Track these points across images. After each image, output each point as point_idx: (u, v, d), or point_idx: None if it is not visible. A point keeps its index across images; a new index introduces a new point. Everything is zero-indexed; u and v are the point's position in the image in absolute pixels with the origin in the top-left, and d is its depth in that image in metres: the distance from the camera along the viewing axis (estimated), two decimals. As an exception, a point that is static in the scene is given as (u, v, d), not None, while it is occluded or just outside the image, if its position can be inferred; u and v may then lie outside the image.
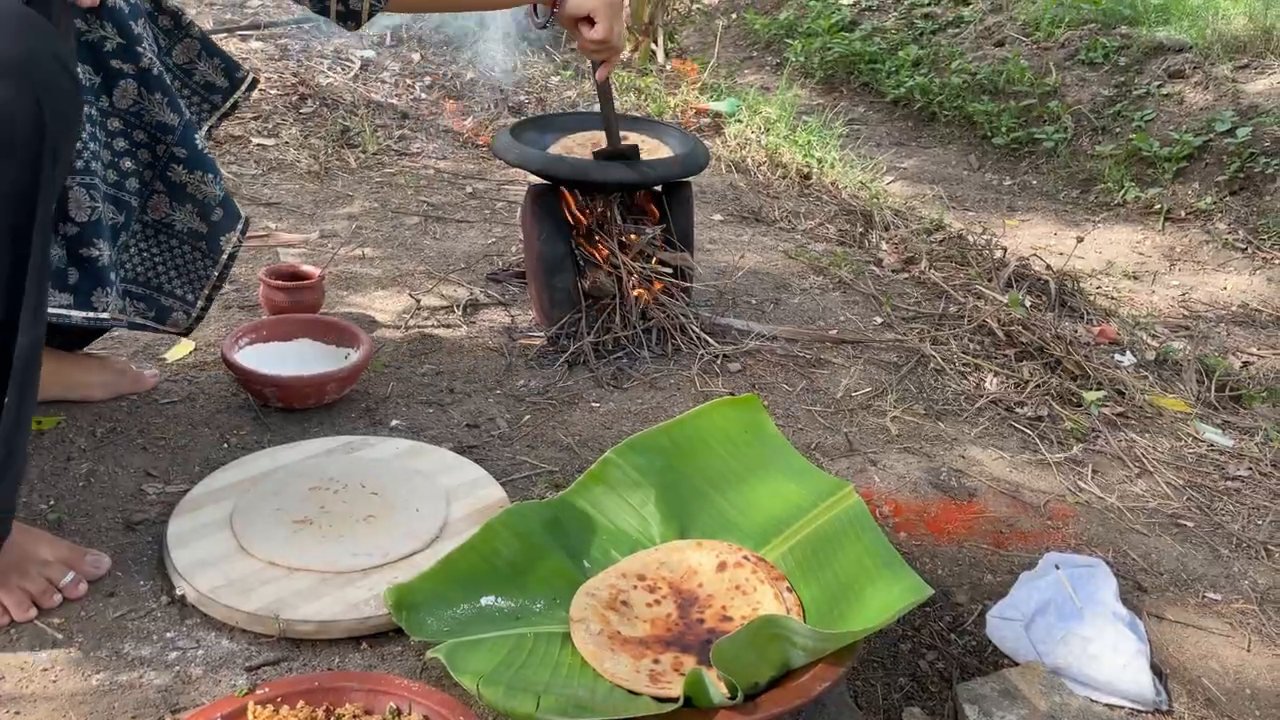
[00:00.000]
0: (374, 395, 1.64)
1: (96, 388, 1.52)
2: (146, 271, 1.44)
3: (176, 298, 1.46)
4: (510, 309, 2.00)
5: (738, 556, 1.21)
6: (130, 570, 1.20)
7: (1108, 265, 3.05)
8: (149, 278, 1.44)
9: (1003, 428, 1.73)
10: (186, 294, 1.47)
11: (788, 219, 2.71)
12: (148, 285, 1.44)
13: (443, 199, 2.61)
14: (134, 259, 1.42)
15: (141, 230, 1.42)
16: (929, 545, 1.40)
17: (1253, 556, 1.46)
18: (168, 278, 1.45)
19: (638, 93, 3.68)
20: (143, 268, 1.43)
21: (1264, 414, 1.92)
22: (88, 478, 1.36)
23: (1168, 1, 4.58)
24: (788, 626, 1.00)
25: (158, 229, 1.43)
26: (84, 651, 1.08)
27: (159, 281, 1.45)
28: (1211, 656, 1.25)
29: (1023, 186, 3.78)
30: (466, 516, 1.31)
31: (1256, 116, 3.49)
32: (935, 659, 1.22)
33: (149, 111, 1.35)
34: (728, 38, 5.44)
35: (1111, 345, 2.14)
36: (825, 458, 1.58)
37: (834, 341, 1.97)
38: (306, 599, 1.14)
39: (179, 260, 1.45)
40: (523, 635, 1.11)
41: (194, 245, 1.45)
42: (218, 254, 1.46)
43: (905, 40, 4.83)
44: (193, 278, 1.47)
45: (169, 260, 1.45)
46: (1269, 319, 2.72)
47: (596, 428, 1.61)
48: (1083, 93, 4.03)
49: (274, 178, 2.61)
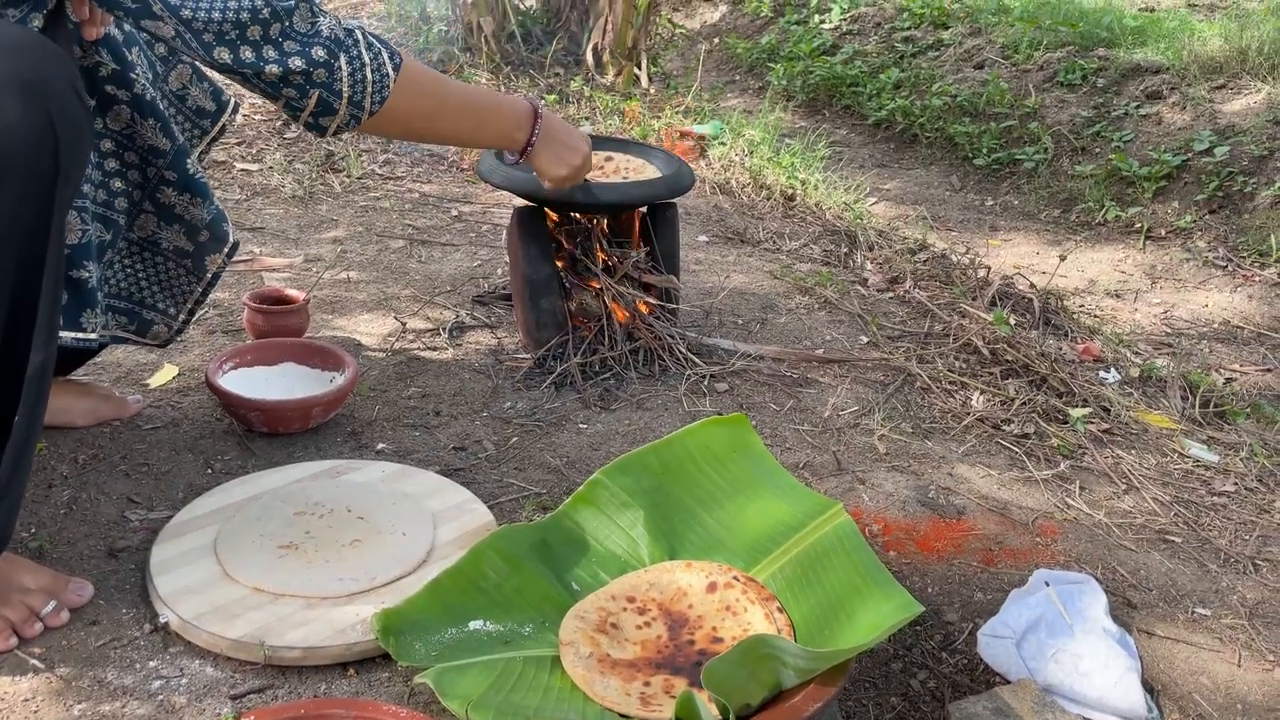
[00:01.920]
0: (360, 419, 1.63)
1: (79, 414, 1.51)
2: (130, 286, 1.43)
3: (159, 311, 1.46)
4: (496, 331, 1.99)
5: (727, 577, 1.21)
6: (113, 598, 1.19)
7: (1090, 284, 3.07)
8: (132, 292, 1.44)
9: (990, 445, 1.74)
10: (168, 308, 1.47)
11: (772, 240, 2.72)
12: (130, 299, 1.44)
13: (428, 222, 2.60)
14: (118, 274, 1.42)
15: (127, 246, 1.41)
16: (918, 564, 1.40)
17: (1241, 571, 1.46)
18: (150, 292, 1.45)
19: (621, 116, 3.70)
20: (126, 283, 1.43)
21: (1248, 429, 1.93)
22: (70, 505, 1.35)
23: (1144, 24, 4.64)
24: (778, 646, 1.00)
25: (143, 245, 1.43)
26: (66, 681, 1.06)
27: (141, 296, 1.45)
28: (1202, 672, 1.25)
29: (1005, 206, 3.81)
30: (454, 540, 1.30)
31: (1234, 136, 3.53)
32: (927, 678, 1.22)
33: (141, 136, 1.35)
34: (710, 62, 5.47)
35: (1096, 362, 2.15)
36: (814, 477, 1.58)
37: (820, 361, 1.98)
38: (292, 625, 1.13)
39: (163, 276, 1.45)
40: (512, 659, 1.10)
41: (178, 262, 1.45)
42: (202, 272, 1.46)
43: (886, 63, 4.88)
44: (176, 292, 1.46)
45: (153, 276, 1.44)
46: (1250, 335, 2.75)
47: (584, 449, 1.60)
48: (1062, 114, 4.07)
49: (258, 203, 2.60)
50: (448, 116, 1.36)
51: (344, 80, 1.19)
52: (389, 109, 1.24)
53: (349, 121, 1.23)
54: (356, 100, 1.21)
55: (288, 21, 1.14)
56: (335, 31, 1.18)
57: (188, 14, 1.08)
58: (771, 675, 1.02)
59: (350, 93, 1.20)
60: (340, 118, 1.22)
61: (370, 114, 1.23)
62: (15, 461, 1.05)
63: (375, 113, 1.23)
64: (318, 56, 1.16)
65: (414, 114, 1.30)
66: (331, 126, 1.23)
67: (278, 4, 1.13)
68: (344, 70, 1.19)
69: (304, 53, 1.15)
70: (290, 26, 1.14)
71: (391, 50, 1.25)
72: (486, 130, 1.44)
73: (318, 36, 1.16)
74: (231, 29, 1.11)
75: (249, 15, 1.11)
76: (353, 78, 1.20)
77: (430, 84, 1.32)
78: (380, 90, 1.23)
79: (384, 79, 1.23)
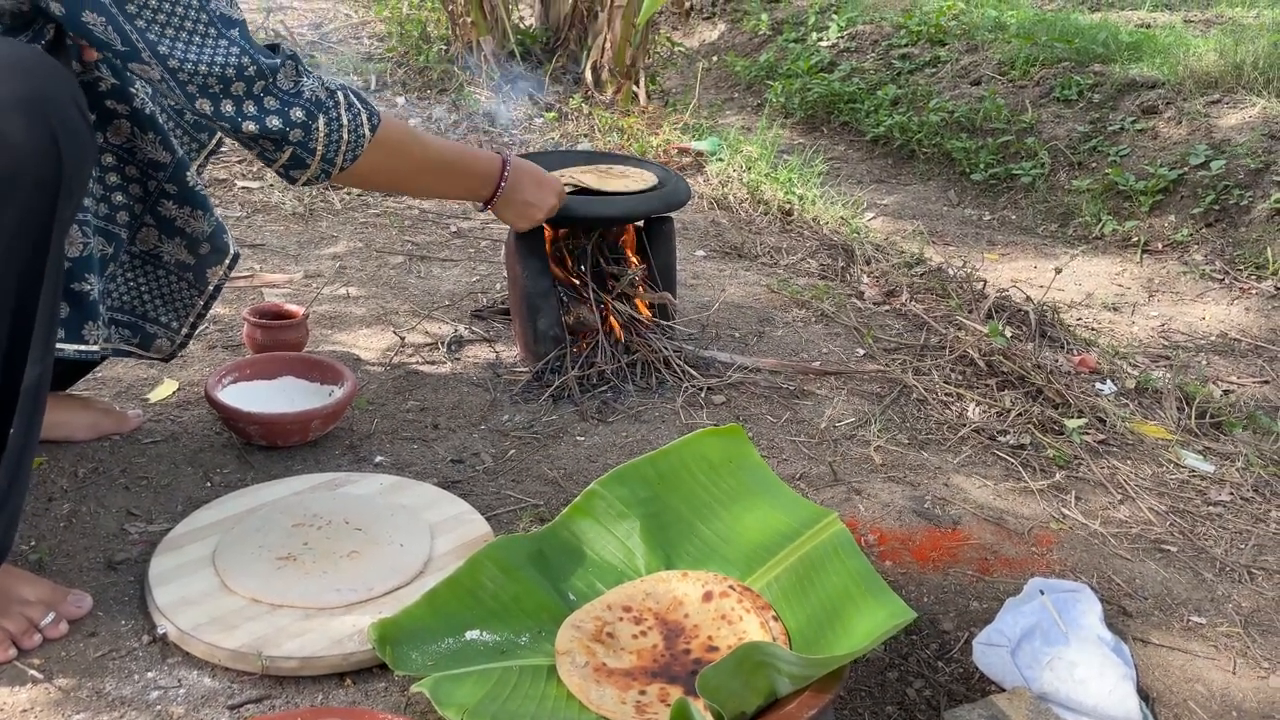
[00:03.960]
0: (358, 432, 1.64)
1: (79, 428, 1.52)
2: (132, 300, 1.45)
3: (161, 325, 1.47)
4: (495, 345, 2.00)
5: (723, 586, 1.21)
6: (111, 610, 1.19)
7: (1087, 297, 3.08)
8: (134, 305, 1.45)
9: (986, 456, 1.74)
10: (171, 321, 1.48)
11: (770, 254, 2.73)
12: (133, 313, 1.45)
13: (427, 238, 2.62)
14: (120, 287, 1.43)
15: (129, 260, 1.43)
16: (914, 573, 1.40)
17: (1236, 580, 1.46)
18: (153, 306, 1.46)
19: (620, 133, 3.72)
20: (129, 296, 1.44)
21: (1244, 440, 1.94)
22: (69, 518, 1.35)
23: (1140, 40, 4.66)
24: (773, 653, 1.00)
25: (145, 259, 1.44)
26: (64, 692, 1.07)
27: (144, 309, 1.46)
28: (1197, 680, 1.25)
29: (1002, 221, 3.83)
30: (451, 551, 1.31)
31: (1229, 149, 3.54)
32: (922, 687, 1.22)
33: (141, 149, 1.37)
34: (709, 79, 5.51)
35: (1092, 374, 2.16)
36: (810, 487, 1.59)
37: (817, 373, 1.98)
38: (289, 635, 1.14)
39: (165, 289, 1.46)
40: (508, 669, 1.11)
41: (180, 276, 1.46)
42: (204, 285, 1.47)
43: (883, 80, 4.90)
44: (178, 306, 1.48)
45: (155, 289, 1.46)
46: (1247, 348, 2.75)
47: (581, 461, 1.61)
48: (1058, 129, 4.09)
49: (258, 219, 2.62)
50: (418, 175, 1.44)
51: (319, 140, 1.24)
52: (359, 168, 1.31)
53: (319, 175, 1.28)
54: (329, 158, 1.26)
55: (271, 79, 1.18)
56: (317, 93, 1.23)
57: (174, 64, 1.12)
58: (766, 683, 1.03)
59: (324, 151, 1.25)
60: (311, 172, 1.27)
61: (341, 169, 1.29)
62: (12, 474, 1.06)
63: (346, 169, 1.29)
64: (295, 118, 1.20)
65: (384, 171, 1.37)
66: (301, 179, 1.28)
67: (263, 62, 1.16)
68: (320, 131, 1.24)
69: (283, 113, 1.20)
70: (274, 84, 1.18)
71: (372, 111, 1.30)
72: (455, 188, 1.55)
73: (299, 97, 1.21)
74: (216, 83, 1.14)
75: (234, 71, 1.14)
76: (328, 139, 1.25)
77: (404, 145, 1.39)
78: (353, 150, 1.28)
79: (359, 139, 1.28)
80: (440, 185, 1.53)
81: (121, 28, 1.08)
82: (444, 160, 1.49)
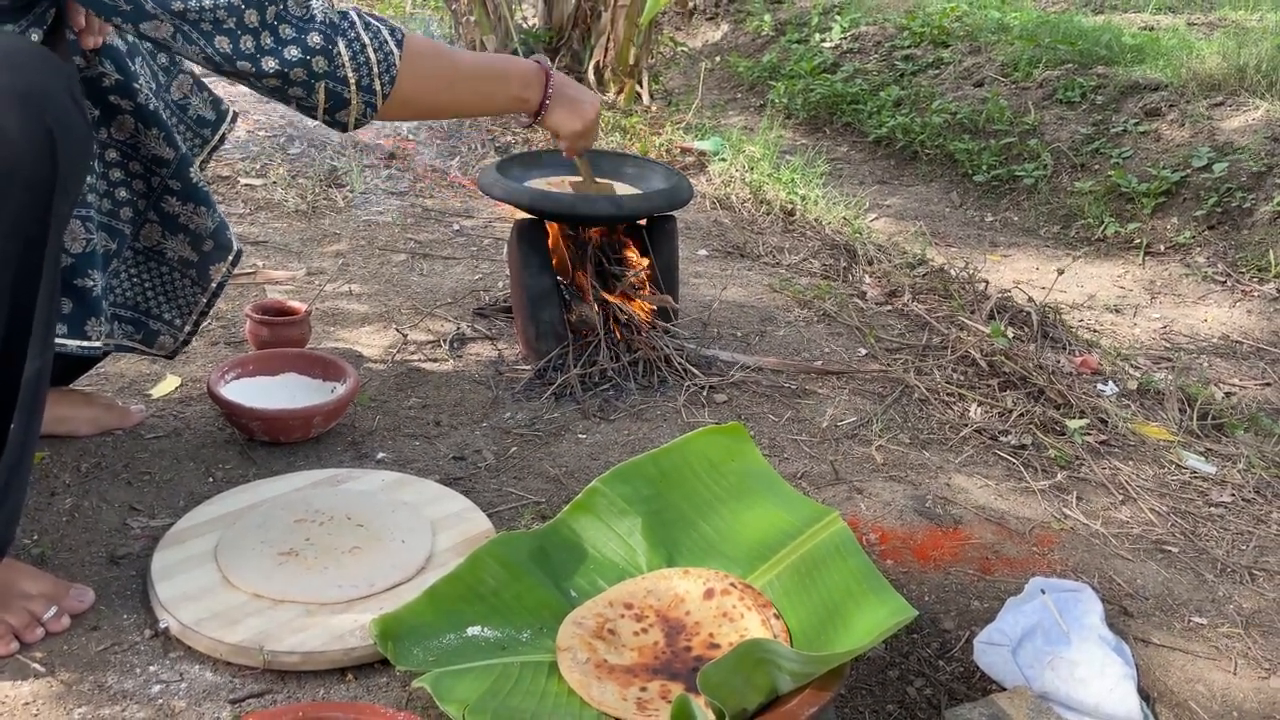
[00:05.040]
0: (360, 429, 1.64)
1: (82, 423, 1.52)
2: (136, 296, 1.45)
3: (165, 322, 1.47)
4: (497, 343, 2.01)
5: (724, 584, 1.21)
6: (114, 604, 1.20)
7: (1089, 298, 3.08)
8: (138, 302, 1.45)
9: (987, 456, 1.74)
10: (174, 319, 1.48)
11: (772, 254, 2.73)
12: (136, 309, 1.45)
13: (429, 236, 2.62)
14: (124, 284, 1.43)
15: (133, 256, 1.43)
16: (915, 572, 1.40)
17: (1237, 581, 1.46)
18: (156, 303, 1.46)
19: (623, 132, 3.72)
20: (132, 292, 1.44)
21: (1246, 441, 1.94)
22: (72, 512, 1.36)
23: (1143, 42, 4.66)
24: (774, 650, 1.00)
25: (149, 255, 1.44)
26: (66, 685, 1.07)
27: (148, 306, 1.46)
28: (1198, 680, 1.25)
29: (1004, 222, 3.83)
30: (453, 547, 1.31)
31: (1232, 152, 3.54)
32: (923, 685, 1.22)
33: (145, 145, 1.37)
34: (712, 80, 5.51)
35: (1094, 375, 2.16)
36: (811, 486, 1.59)
37: (819, 372, 1.98)
38: (291, 630, 1.14)
39: (168, 286, 1.46)
40: (509, 664, 1.11)
41: (183, 273, 1.46)
42: (207, 282, 1.47)
43: (886, 81, 4.90)
44: (181, 304, 1.48)
45: (158, 286, 1.46)
46: (1249, 350, 2.75)
47: (583, 459, 1.61)
48: (1061, 131, 4.09)
49: (262, 216, 2.62)
50: (462, 87, 1.33)
51: (346, 65, 1.16)
52: (402, 89, 1.21)
53: (365, 110, 1.20)
54: (366, 85, 1.18)
55: (283, 4, 1.11)
56: (329, 15, 1.15)
57: (179, 6, 1.06)
58: (767, 680, 1.03)
59: (357, 78, 1.17)
60: (355, 108, 1.19)
61: (384, 97, 1.20)
62: (13, 468, 1.06)
63: (389, 95, 1.20)
64: (314, 43, 1.13)
65: (427, 90, 1.27)
66: (350, 120, 1.21)
67: None
68: (344, 55, 1.16)
69: (300, 40, 1.12)
70: (286, 8, 1.12)
71: (392, 27, 1.21)
72: (500, 95, 1.42)
73: (312, 21, 1.14)
74: (227, 16, 1.08)
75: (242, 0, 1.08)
76: (355, 60, 1.16)
77: (437, 56, 1.29)
78: (387, 70, 1.19)
79: (389, 57, 1.19)
80: (487, 95, 1.39)
81: None
82: (485, 67, 1.38)
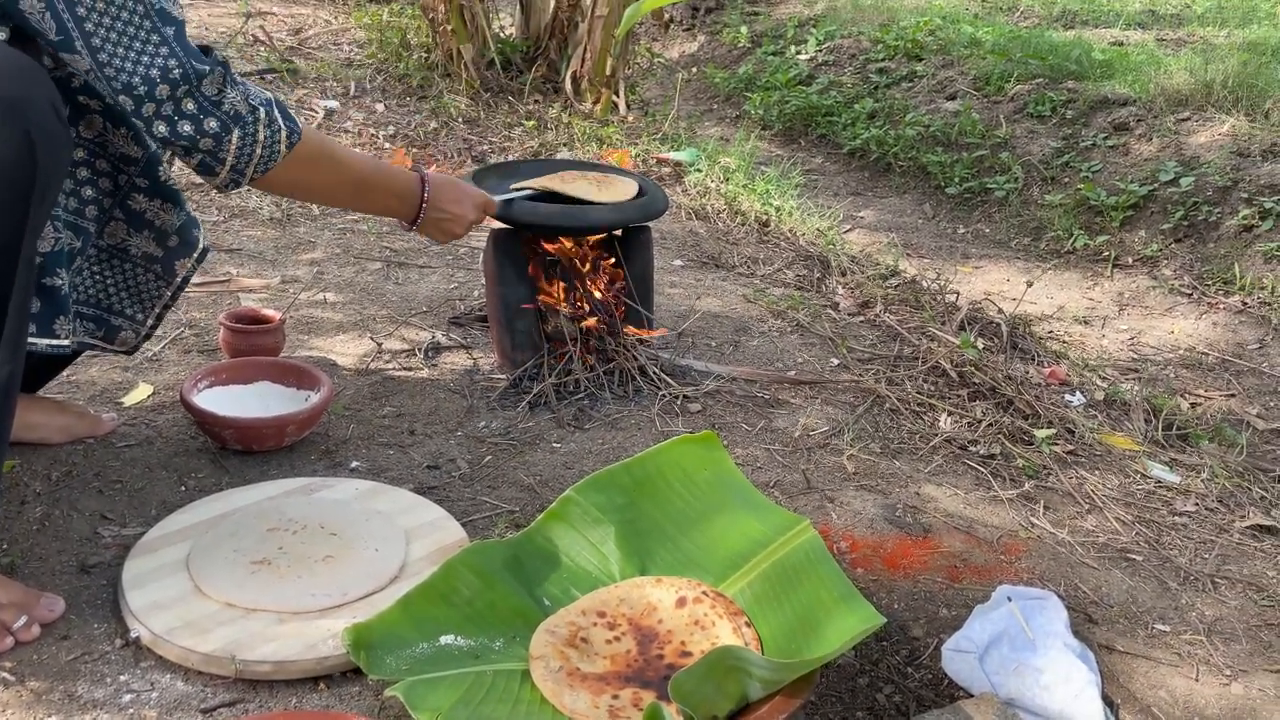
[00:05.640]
0: (334, 437, 1.64)
1: (53, 431, 1.51)
2: (98, 293, 1.44)
3: (126, 317, 1.47)
4: (472, 352, 2.01)
5: (696, 592, 1.22)
6: (84, 613, 1.19)
7: (1059, 310, 3.12)
8: (100, 299, 1.44)
9: (957, 465, 1.76)
10: (136, 313, 1.47)
11: (747, 264, 2.76)
12: (98, 306, 1.45)
13: (405, 244, 2.62)
14: (86, 281, 1.42)
15: (95, 254, 1.42)
16: (885, 580, 1.42)
17: (1200, 589, 1.49)
18: (119, 299, 1.46)
19: (600, 142, 3.74)
20: (95, 289, 1.44)
21: (1210, 452, 1.97)
22: (42, 521, 1.35)
23: (1112, 58, 4.73)
24: (744, 658, 1.01)
25: (111, 253, 1.43)
26: (36, 694, 1.07)
27: (109, 302, 1.45)
28: (1161, 686, 1.27)
29: (976, 234, 3.87)
30: (426, 556, 1.31)
31: (1199, 167, 3.60)
32: (892, 692, 1.24)
33: (113, 144, 1.37)
34: (688, 90, 5.53)
35: (1062, 386, 2.19)
36: (783, 495, 1.60)
37: (792, 382, 2.00)
38: (263, 639, 1.14)
39: (131, 282, 1.46)
40: (482, 673, 1.11)
41: (147, 268, 1.46)
42: (172, 276, 1.47)
43: (861, 94, 4.95)
44: (144, 298, 1.47)
45: (121, 282, 1.45)
46: (1215, 361, 2.80)
47: (558, 468, 1.62)
48: (1032, 144, 4.14)
49: (236, 224, 2.61)
50: (334, 192, 1.46)
51: (230, 152, 1.24)
52: (272, 179, 1.31)
53: (229, 184, 1.28)
54: (239, 169, 1.27)
55: (197, 85, 1.18)
56: (237, 106, 1.23)
57: (104, 58, 1.12)
58: (738, 687, 1.04)
59: (234, 162, 1.25)
60: (220, 179, 1.27)
61: (251, 179, 1.29)
62: None
63: (256, 179, 1.30)
64: (209, 128, 1.21)
65: (299, 186, 1.40)
66: (211, 183, 1.29)
67: (192, 67, 1.17)
68: (233, 144, 1.24)
69: (197, 120, 1.20)
70: (197, 89, 1.18)
71: (293, 130, 1.30)
72: (374, 205, 1.54)
73: (218, 108, 1.21)
74: (141, 86, 1.14)
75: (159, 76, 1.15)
76: (240, 151, 1.25)
77: (319, 163, 1.38)
78: (265, 164, 1.28)
79: (273, 154, 1.28)
80: (360, 202, 1.52)
81: (60, 16, 1.09)
82: (362, 178, 1.47)
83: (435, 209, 1.56)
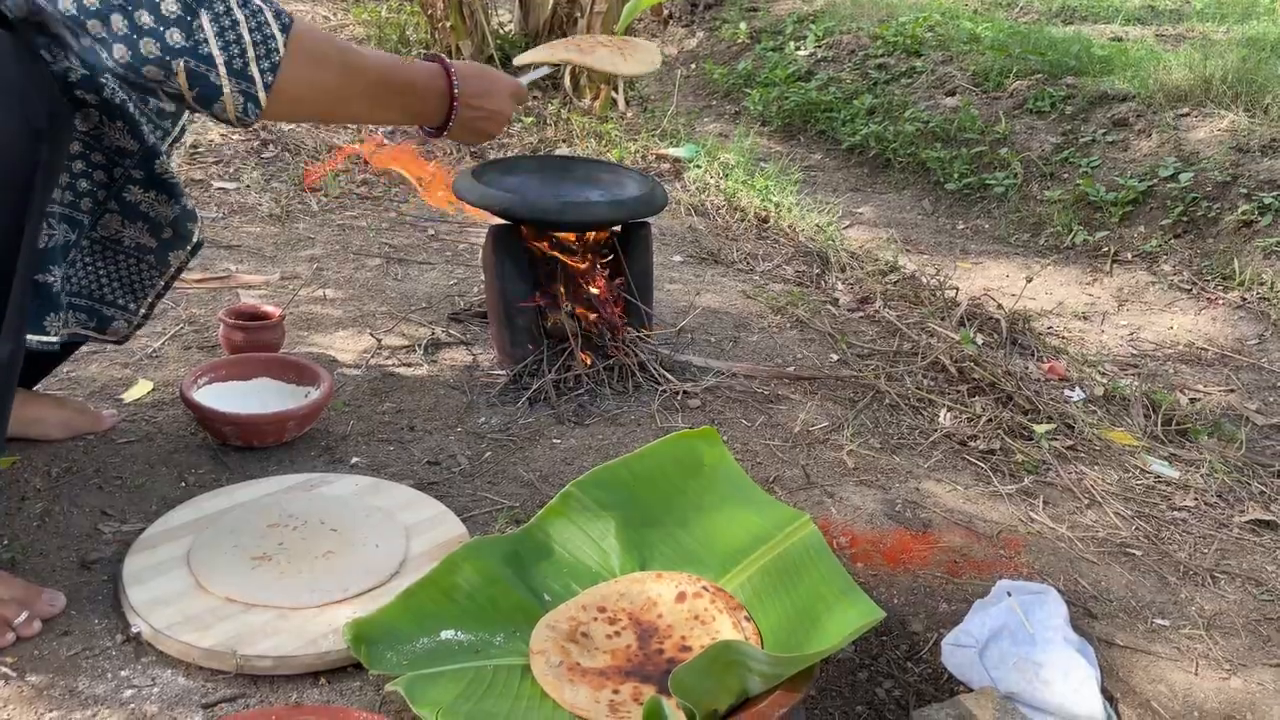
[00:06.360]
0: (334, 433, 1.64)
1: (53, 427, 1.51)
2: (91, 284, 1.43)
3: (119, 307, 1.46)
4: (472, 348, 2.01)
5: (696, 587, 1.23)
6: (85, 609, 1.19)
7: (1058, 305, 3.12)
8: (92, 290, 1.43)
9: (956, 461, 1.77)
10: (129, 303, 1.46)
11: (746, 260, 2.76)
12: (90, 297, 1.44)
13: (404, 241, 2.62)
14: (79, 272, 1.41)
15: (89, 245, 1.41)
16: (885, 575, 1.42)
17: (1199, 584, 1.49)
18: (111, 289, 1.45)
19: (598, 138, 3.74)
20: (87, 280, 1.43)
21: (1209, 447, 1.97)
22: (43, 517, 1.35)
23: (1112, 53, 4.73)
24: (744, 652, 1.02)
25: (105, 244, 1.42)
26: (37, 690, 1.07)
27: (102, 293, 1.44)
28: (1160, 680, 1.28)
29: (975, 230, 3.87)
30: (426, 552, 1.32)
31: (1198, 162, 3.60)
32: (892, 687, 1.24)
33: (108, 137, 1.36)
34: (687, 87, 5.53)
35: (1061, 381, 2.19)
36: (783, 490, 1.60)
37: (791, 378, 2.00)
38: (264, 634, 1.14)
39: (124, 272, 1.45)
40: (482, 668, 1.12)
41: (140, 258, 1.44)
42: (165, 267, 1.45)
43: (860, 90, 4.95)
44: (137, 288, 1.46)
45: (114, 273, 1.44)
46: (1214, 357, 2.80)
47: (557, 463, 1.62)
48: (1031, 140, 4.14)
49: (235, 220, 2.61)
50: (350, 95, 1.19)
51: (209, 41, 1.02)
52: (285, 83, 1.08)
53: (244, 103, 1.07)
54: (239, 70, 1.04)
55: None
56: None
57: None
58: (738, 681, 1.04)
59: (226, 58, 1.03)
60: (230, 99, 1.05)
61: (267, 87, 1.07)
62: None
63: (271, 85, 1.07)
64: (168, 12, 1.00)
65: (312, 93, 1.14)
66: (227, 112, 1.07)
67: None
68: (207, 30, 1.02)
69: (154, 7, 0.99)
70: None
71: (278, 10, 1.08)
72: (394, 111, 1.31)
73: None
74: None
75: None
76: (222, 38, 1.02)
77: (330, 55, 1.15)
78: (267, 55, 1.06)
79: (269, 40, 1.06)
80: (379, 108, 1.27)
81: None
82: (380, 75, 1.22)
83: (468, 106, 1.34)
